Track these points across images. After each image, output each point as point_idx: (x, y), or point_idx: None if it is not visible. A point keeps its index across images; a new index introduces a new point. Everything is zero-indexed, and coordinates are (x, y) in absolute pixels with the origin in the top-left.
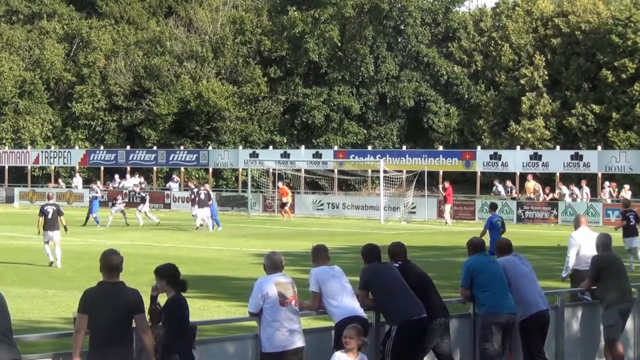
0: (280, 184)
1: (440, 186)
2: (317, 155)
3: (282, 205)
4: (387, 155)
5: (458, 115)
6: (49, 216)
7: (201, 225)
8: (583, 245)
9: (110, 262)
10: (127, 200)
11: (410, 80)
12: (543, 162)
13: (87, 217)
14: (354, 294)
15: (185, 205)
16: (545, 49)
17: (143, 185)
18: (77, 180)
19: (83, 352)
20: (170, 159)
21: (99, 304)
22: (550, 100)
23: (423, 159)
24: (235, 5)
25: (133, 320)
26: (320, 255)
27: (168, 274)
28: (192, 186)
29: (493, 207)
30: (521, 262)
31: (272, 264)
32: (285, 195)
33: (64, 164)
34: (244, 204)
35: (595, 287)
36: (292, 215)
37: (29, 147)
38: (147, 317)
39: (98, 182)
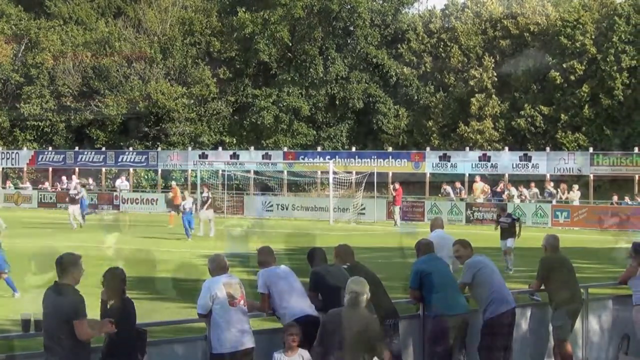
0: (173, 183)
1: (391, 187)
2: (267, 157)
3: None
4: (337, 157)
5: (407, 116)
6: None
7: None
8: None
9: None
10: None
11: (359, 81)
12: (492, 164)
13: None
14: (305, 293)
15: (134, 207)
16: (494, 50)
17: (91, 187)
18: (25, 182)
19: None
20: (119, 160)
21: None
22: (499, 102)
23: (372, 160)
24: (184, 6)
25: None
26: (266, 257)
27: (114, 279)
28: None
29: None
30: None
31: (217, 266)
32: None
33: (12, 165)
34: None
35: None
36: (241, 216)
37: None
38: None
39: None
